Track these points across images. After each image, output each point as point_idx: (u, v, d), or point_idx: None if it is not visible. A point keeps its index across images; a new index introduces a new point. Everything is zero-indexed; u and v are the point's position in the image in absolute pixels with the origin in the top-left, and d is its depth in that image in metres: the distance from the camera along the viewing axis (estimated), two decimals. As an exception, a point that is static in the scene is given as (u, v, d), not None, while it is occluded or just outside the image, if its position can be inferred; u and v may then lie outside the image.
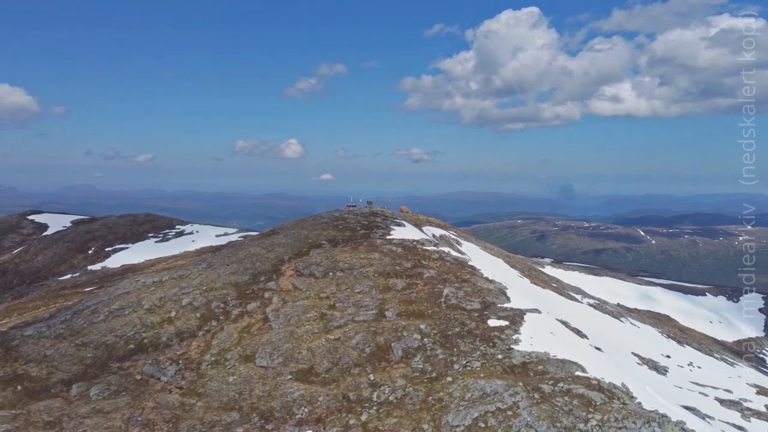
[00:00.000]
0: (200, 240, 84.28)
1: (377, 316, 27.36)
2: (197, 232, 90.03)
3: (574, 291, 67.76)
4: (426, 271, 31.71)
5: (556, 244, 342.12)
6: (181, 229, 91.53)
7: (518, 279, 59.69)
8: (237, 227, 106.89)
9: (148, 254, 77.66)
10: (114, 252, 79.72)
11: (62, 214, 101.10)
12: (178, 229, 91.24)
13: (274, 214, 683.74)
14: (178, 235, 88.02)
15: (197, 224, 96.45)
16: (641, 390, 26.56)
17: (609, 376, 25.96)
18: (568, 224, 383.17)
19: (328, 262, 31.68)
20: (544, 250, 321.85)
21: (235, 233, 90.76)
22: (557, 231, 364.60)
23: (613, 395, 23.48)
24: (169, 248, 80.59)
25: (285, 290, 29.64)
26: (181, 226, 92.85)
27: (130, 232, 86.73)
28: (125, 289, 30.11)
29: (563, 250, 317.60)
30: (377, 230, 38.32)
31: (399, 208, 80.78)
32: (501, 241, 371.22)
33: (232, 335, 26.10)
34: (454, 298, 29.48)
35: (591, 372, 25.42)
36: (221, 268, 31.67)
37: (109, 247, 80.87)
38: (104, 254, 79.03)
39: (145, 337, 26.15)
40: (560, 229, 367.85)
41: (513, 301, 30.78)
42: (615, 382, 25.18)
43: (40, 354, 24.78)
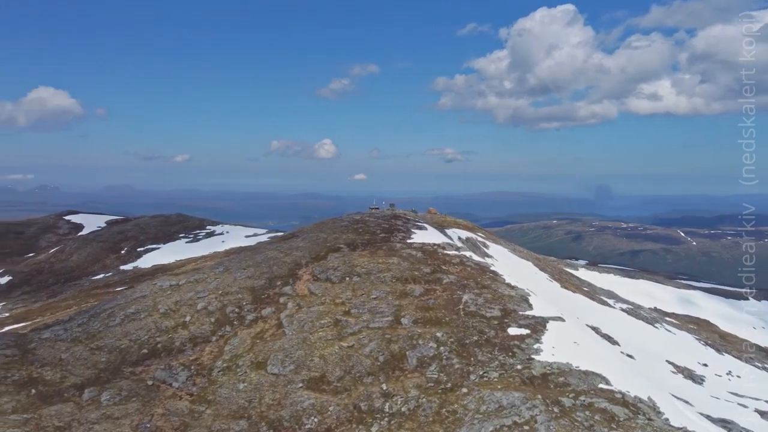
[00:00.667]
0: (230, 240, 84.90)
1: (393, 323, 26.70)
2: (227, 232, 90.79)
3: (607, 295, 65.82)
4: (445, 277, 30.89)
5: (592, 245, 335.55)
6: (211, 229, 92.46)
7: (547, 283, 58.24)
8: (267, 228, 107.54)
9: (179, 254, 78.55)
10: (146, 252, 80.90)
11: (97, 215, 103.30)
12: (209, 229, 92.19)
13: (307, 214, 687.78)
14: (209, 235, 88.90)
15: (227, 225, 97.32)
16: (669, 404, 25.27)
17: (635, 389, 24.78)
18: (605, 225, 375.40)
19: (345, 267, 31.15)
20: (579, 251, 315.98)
21: (265, 234, 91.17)
22: (593, 232, 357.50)
23: (638, 410, 22.35)
24: (200, 249, 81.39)
25: (301, 295, 29.22)
26: (212, 227, 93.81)
27: (162, 232, 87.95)
28: (142, 293, 30.12)
29: (599, 252, 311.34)
30: (398, 234, 37.64)
31: (427, 209, 79.95)
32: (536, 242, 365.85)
33: (245, 341, 25.78)
34: (473, 304, 28.60)
35: (616, 384, 24.29)
36: (238, 272, 31.43)
37: (141, 248, 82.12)
38: (136, 254, 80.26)
39: (159, 342, 26.04)
40: (596, 230, 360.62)
41: (535, 309, 29.69)
42: (641, 395, 24.00)
43: (56, 357, 24.87)
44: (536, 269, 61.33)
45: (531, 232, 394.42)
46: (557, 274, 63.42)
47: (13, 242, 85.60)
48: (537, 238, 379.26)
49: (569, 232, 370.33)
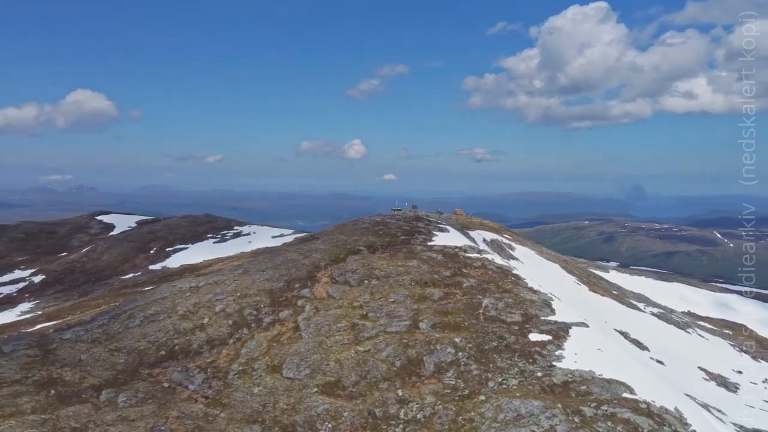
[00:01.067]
0: (256, 241, 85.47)
1: (410, 328, 26.29)
2: (254, 233, 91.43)
3: (637, 299, 64.24)
4: (465, 280, 30.34)
5: (624, 246, 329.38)
6: (238, 230, 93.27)
7: (574, 286, 57.09)
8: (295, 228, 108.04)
9: (207, 254, 79.39)
10: (174, 252, 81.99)
11: (128, 215, 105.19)
12: (236, 230, 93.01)
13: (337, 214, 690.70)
14: (236, 236, 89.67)
15: (254, 225, 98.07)
16: (697, 415, 24.32)
17: (661, 399, 23.92)
18: (638, 225, 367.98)
19: (364, 270, 30.85)
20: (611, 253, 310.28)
21: (291, 234, 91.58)
22: (626, 233, 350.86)
23: (663, 421, 21.53)
24: (227, 249, 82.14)
25: (319, 298, 29.03)
26: (239, 227, 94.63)
27: (190, 232, 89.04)
28: (162, 294, 30.31)
29: (632, 253, 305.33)
30: (418, 236, 37.19)
31: (453, 210, 79.28)
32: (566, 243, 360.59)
33: (261, 344, 25.68)
34: (494, 309, 28.00)
35: (641, 393, 23.46)
36: (256, 274, 31.41)
37: (170, 248, 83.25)
38: (165, 254, 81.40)
39: (177, 344, 26.12)
40: (629, 231, 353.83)
41: (558, 314, 28.93)
42: (667, 405, 23.13)
43: (75, 358, 25.13)
44: (563, 272, 60.15)
45: (562, 233, 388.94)
46: (585, 276, 62.13)
47: (46, 242, 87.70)
48: (568, 239, 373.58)
49: (601, 233, 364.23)
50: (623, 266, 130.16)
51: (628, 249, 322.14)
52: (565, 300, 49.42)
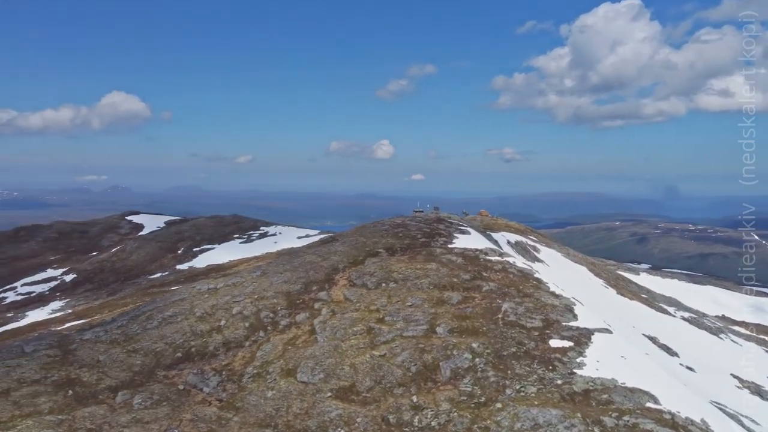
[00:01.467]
0: (282, 241, 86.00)
1: (427, 332, 25.86)
2: (280, 233, 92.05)
3: (668, 302, 62.63)
4: (485, 284, 29.77)
5: (657, 247, 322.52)
6: (264, 230, 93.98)
7: (602, 289, 55.91)
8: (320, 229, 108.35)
9: (233, 255, 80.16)
10: (201, 252, 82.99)
11: (157, 215, 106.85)
12: (262, 230, 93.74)
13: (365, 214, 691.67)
14: (262, 236, 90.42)
15: (280, 226, 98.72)
16: (725, 427, 23.40)
17: (687, 409, 23.04)
18: (672, 227, 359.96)
19: (382, 273, 30.52)
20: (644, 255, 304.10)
21: (317, 234, 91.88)
22: (659, 234, 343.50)
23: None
24: (253, 249, 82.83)
25: (336, 301, 28.79)
26: (265, 228, 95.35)
27: (217, 233, 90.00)
28: (180, 296, 30.46)
29: (665, 255, 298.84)
30: (439, 238, 36.69)
31: (479, 211, 78.48)
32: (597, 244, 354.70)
33: (276, 347, 25.55)
34: (513, 314, 27.39)
35: (665, 403, 22.62)
36: (274, 276, 31.33)
37: (197, 248, 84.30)
38: (192, 254, 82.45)
39: (193, 346, 26.16)
40: (663, 232, 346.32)
41: (580, 319, 28.15)
42: (693, 416, 22.25)
43: (94, 359, 25.35)
44: (591, 275, 58.99)
45: (593, 234, 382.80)
46: (613, 280, 60.79)
47: (77, 241, 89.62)
48: (599, 240, 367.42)
49: (633, 234, 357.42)
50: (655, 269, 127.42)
51: (662, 251, 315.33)
52: (590, 304, 48.39)
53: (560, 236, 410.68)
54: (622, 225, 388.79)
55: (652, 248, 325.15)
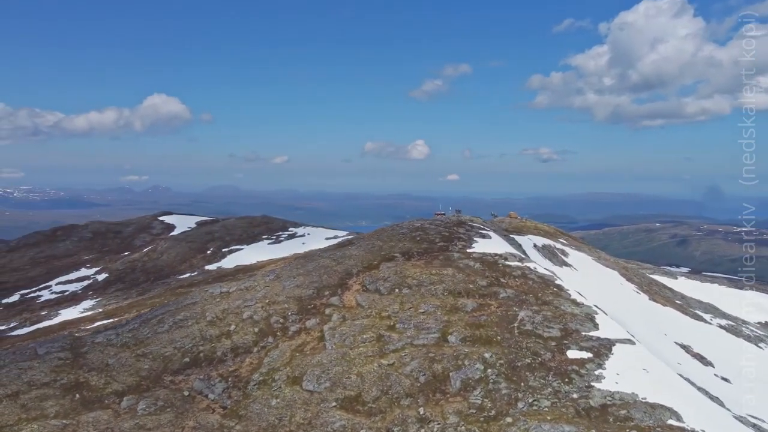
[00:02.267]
0: (310, 243, 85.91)
1: (438, 341, 25.03)
2: (308, 234, 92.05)
3: (704, 309, 60.10)
4: (502, 291, 28.74)
5: (699, 250, 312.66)
6: (293, 231, 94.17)
7: (633, 295, 53.96)
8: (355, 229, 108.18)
9: (261, 256, 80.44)
10: (230, 253, 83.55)
11: (189, 216, 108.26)
12: (291, 231, 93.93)
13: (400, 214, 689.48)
14: (290, 237, 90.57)
15: (309, 227, 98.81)
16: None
17: (713, 427, 21.74)
18: (715, 228, 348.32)
19: (396, 278, 29.78)
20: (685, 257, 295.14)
21: (345, 236, 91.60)
22: (701, 236, 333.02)
23: (712, 455, 19.46)
24: (281, 250, 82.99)
25: (347, 307, 28.20)
26: (294, 229, 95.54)
27: (246, 233, 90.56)
28: (192, 299, 30.32)
29: (707, 258, 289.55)
30: (458, 242, 35.73)
31: (508, 213, 76.98)
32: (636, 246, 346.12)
33: (284, 354, 25.09)
34: (530, 323, 26.31)
35: (689, 421, 21.33)
36: (287, 281, 30.91)
37: (226, 248, 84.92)
38: (221, 255, 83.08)
39: (202, 351, 25.91)
40: (705, 234, 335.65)
41: (601, 329, 26.89)
42: (719, 436, 20.98)
43: (103, 363, 25.32)
44: (622, 279, 56.99)
45: (631, 236, 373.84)
46: (646, 285, 58.65)
47: (111, 241, 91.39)
48: (637, 242, 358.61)
49: (674, 236, 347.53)
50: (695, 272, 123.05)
51: (704, 253, 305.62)
52: (619, 311, 46.67)
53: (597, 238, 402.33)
54: (662, 227, 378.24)
55: (693, 251, 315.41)
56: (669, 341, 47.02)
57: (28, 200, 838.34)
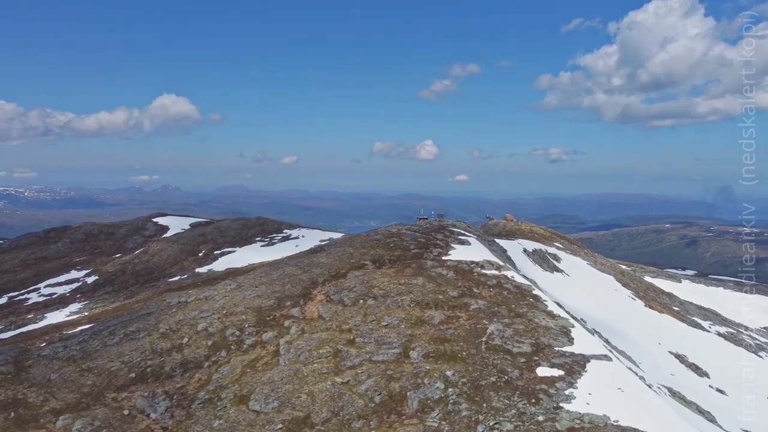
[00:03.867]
0: (303, 244, 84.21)
1: (399, 357, 23.44)
2: (303, 236, 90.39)
3: (703, 316, 58.02)
4: (474, 302, 27.08)
5: (709, 251, 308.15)
6: (287, 233, 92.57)
7: (628, 301, 52.07)
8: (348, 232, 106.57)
9: (252, 258, 78.91)
10: (222, 255, 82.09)
11: (183, 217, 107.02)
12: (285, 233, 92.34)
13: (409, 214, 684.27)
14: (284, 239, 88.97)
15: (304, 229, 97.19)
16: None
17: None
18: (725, 229, 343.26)
19: (362, 288, 28.19)
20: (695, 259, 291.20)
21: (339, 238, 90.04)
22: (711, 237, 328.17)
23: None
24: (273, 252, 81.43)
25: (308, 318, 26.66)
26: (289, 231, 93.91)
27: (240, 235, 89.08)
28: (148, 310, 28.90)
29: (717, 259, 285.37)
30: (434, 249, 34.09)
31: (504, 215, 75.16)
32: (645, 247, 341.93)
33: (235, 369, 23.60)
34: (500, 337, 24.66)
35: (665, 447, 19.72)
36: (248, 290, 29.44)
37: (218, 250, 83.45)
38: (212, 257, 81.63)
39: (150, 366, 24.47)
40: (715, 235, 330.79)
41: (576, 344, 25.18)
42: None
43: (45, 377, 23.96)
44: (617, 285, 55.07)
45: (641, 237, 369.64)
46: (642, 291, 56.66)
47: (103, 243, 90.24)
48: (647, 243, 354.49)
49: (683, 236, 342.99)
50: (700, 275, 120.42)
51: (713, 255, 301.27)
52: (612, 319, 44.81)
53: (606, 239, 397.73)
54: (671, 227, 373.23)
55: (703, 252, 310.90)
56: (663, 351, 45.13)
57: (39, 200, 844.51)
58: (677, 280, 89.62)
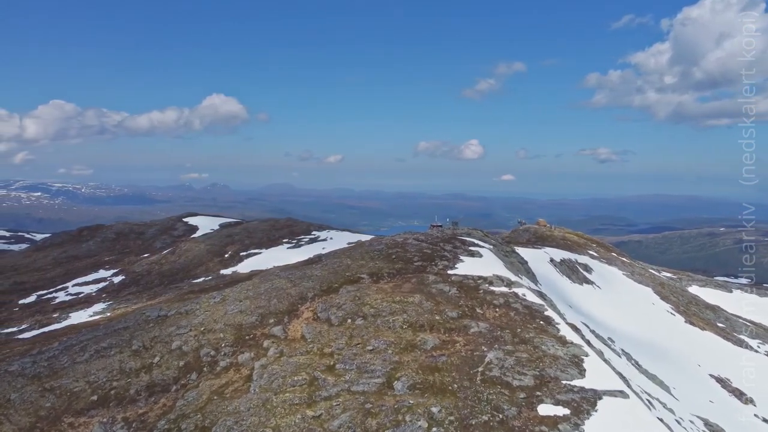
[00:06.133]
0: (330, 247, 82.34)
1: (381, 387, 20.84)
2: (331, 239, 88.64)
3: (752, 333, 53.07)
4: (474, 324, 24.21)
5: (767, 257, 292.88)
6: (316, 235, 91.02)
7: (666, 317, 47.94)
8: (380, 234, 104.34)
9: (278, 260, 77.44)
10: (247, 257, 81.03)
11: (213, 217, 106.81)
12: (313, 235, 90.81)
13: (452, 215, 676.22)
14: (311, 241, 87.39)
15: (333, 230, 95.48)
16: None
17: None
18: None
19: (352, 305, 25.66)
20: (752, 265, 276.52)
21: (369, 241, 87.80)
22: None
23: None
24: (299, 255, 79.76)
25: (290, 339, 24.33)
26: (317, 232, 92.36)
27: (267, 237, 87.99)
28: (125, 323, 27.17)
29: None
30: (439, 261, 31.27)
31: (536, 221, 71.46)
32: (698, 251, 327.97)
33: (201, 396, 21.46)
34: (498, 367, 21.76)
35: None
36: (232, 304, 27.35)
37: (244, 252, 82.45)
38: (238, 258, 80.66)
39: (114, 387, 22.62)
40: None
41: (588, 376, 22.02)
42: None
43: (5, 397, 22.42)
44: (656, 298, 50.91)
45: (693, 240, 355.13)
46: (684, 304, 52.24)
47: (133, 243, 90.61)
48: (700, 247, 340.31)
49: (739, 241, 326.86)
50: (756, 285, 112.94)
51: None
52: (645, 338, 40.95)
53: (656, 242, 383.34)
54: (726, 231, 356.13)
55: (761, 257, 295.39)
56: (702, 373, 41.03)
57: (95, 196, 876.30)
58: (728, 289, 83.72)
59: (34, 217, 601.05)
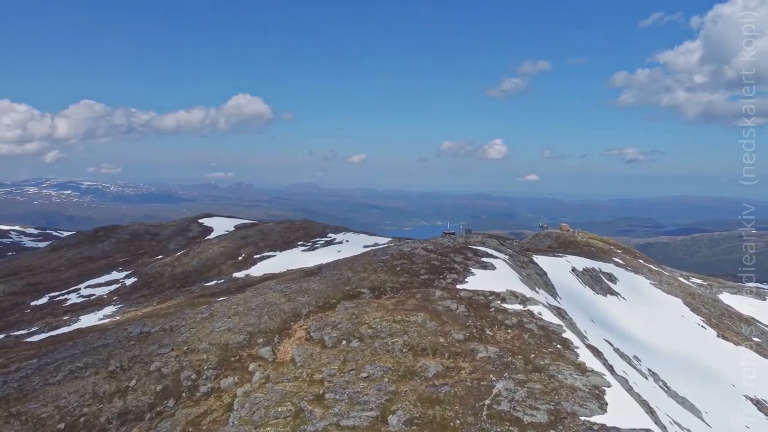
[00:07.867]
0: (346, 250, 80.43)
1: (374, 422, 18.50)
2: (347, 241, 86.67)
3: (792, 349, 49.44)
4: (482, 349, 21.72)
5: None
6: (331, 237, 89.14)
7: (696, 331, 44.72)
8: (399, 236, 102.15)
9: (292, 264, 75.71)
10: (261, 260, 79.38)
11: (229, 218, 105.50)
12: (329, 237, 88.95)
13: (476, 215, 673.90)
14: (327, 244, 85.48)
15: (349, 233, 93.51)
16: None
17: None
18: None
19: (349, 324, 23.36)
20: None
21: (385, 244, 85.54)
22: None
23: None
24: (314, 258, 77.89)
25: (279, 361, 22.13)
26: (333, 235, 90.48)
27: (282, 239, 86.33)
28: (105, 340, 25.26)
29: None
30: (448, 274, 28.81)
31: (559, 225, 68.42)
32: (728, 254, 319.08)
33: (176, 427, 19.37)
34: (508, 400, 19.26)
35: None
36: (220, 321, 25.26)
37: (258, 254, 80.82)
38: (252, 261, 79.03)
39: (84, 414, 20.65)
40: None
41: (611, 412, 19.37)
42: None
43: (-34, 423, 20.58)
44: (685, 310, 47.67)
45: (722, 243, 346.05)
46: (716, 317, 48.88)
47: (147, 244, 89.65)
48: (730, 249, 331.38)
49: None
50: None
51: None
52: (674, 354, 37.93)
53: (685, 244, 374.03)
54: (758, 234, 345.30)
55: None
56: (737, 394, 37.88)
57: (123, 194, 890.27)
58: (762, 297, 79.52)
59: (64, 215, 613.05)
